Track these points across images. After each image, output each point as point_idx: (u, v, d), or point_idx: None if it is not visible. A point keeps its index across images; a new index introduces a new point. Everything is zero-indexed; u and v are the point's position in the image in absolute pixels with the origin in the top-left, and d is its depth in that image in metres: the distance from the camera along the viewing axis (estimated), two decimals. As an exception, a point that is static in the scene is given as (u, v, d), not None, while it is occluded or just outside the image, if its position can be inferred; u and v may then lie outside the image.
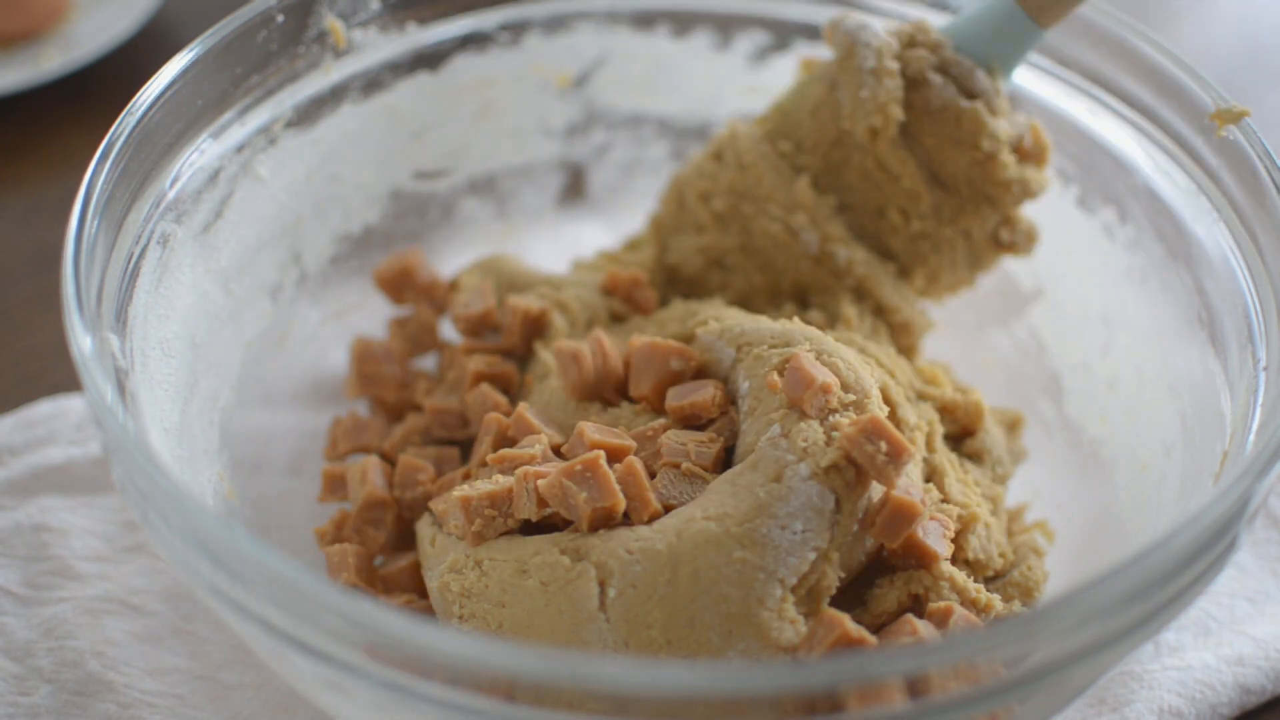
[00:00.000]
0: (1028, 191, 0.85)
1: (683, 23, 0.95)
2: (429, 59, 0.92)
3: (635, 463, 0.75)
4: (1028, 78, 0.89)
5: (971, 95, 0.84)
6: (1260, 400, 0.73)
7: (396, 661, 0.61)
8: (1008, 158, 0.84)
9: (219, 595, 0.66)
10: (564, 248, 0.98)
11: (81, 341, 0.69)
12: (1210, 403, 0.79)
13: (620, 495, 0.74)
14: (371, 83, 0.91)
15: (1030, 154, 0.86)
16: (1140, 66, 0.84)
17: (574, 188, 1.00)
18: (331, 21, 0.88)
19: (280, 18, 0.86)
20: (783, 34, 0.95)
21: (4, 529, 0.85)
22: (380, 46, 0.91)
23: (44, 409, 0.91)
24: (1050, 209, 0.89)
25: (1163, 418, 0.83)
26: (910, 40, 0.84)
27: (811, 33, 0.94)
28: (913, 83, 0.84)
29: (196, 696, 0.79)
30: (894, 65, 0.83)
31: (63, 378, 0.93)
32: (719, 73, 0.97)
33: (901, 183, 0.85)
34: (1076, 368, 0.91)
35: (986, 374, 0.92)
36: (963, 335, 0.89)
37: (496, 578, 0.74)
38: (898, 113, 0.83)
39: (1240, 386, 0.76)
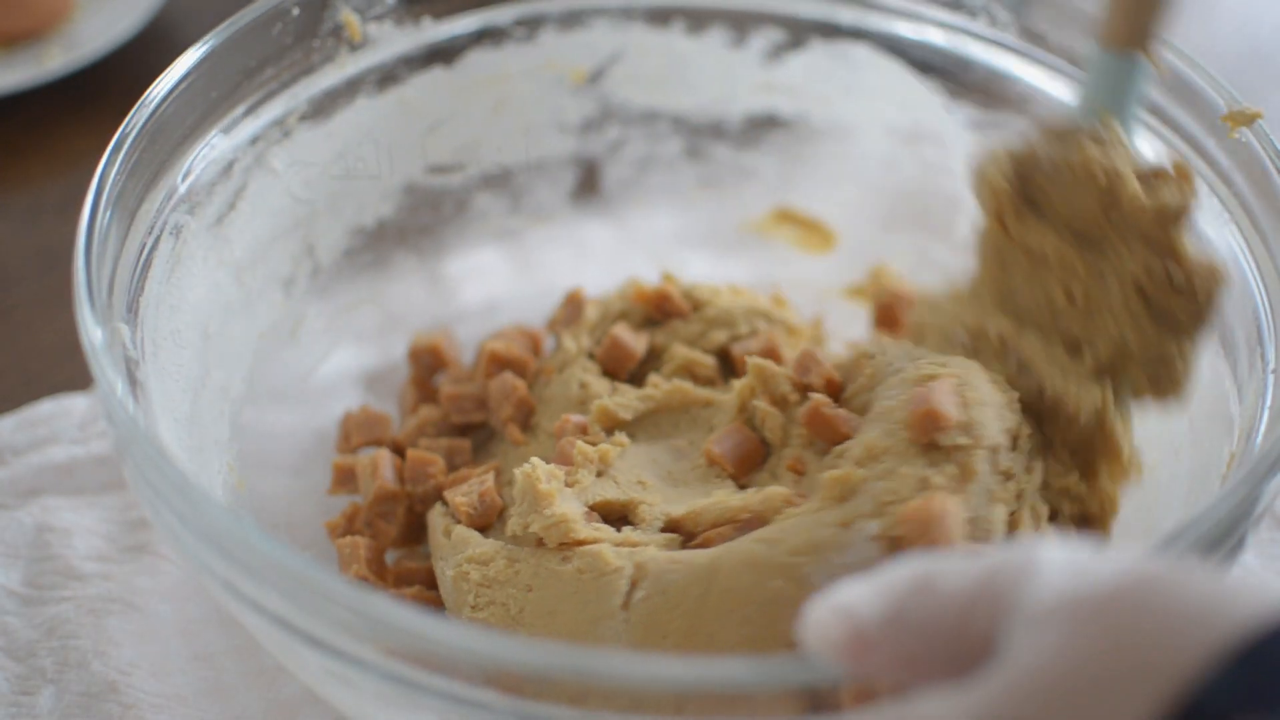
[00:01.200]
0: (1168, 213, 0.75)
1: (698, 19, 0.96)
2: (444, 53, 0.92)
3: None
4: (1040, 79, 0.90)
5: None
6: (1268, 403, 0.72)
7: (404, 655, 0.61)
8: (1134, 184, 0.75)
9: (228, 588, 0.65)
10: (576, 244, 0.98)
11: (92, 332, 0.69)
12: (1218, 404, 0.78)
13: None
14: (386, 76, 0.91)
15: (1163, 177, 0.76)
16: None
17: (588, 184, 1.00)
18: (347, 15, 0.89)
19: (295, 11, 0.86)
20: (798, 31, 0.95)
21: (6, 528, 0.84)
22: (395, 40, 0.91)
23: (46, 408, 0.91)
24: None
25: (1171, 419, 0.83)
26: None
27: (826, 30, 0.94)
28: (1018, 158, 0.77)
29: (200, 698, 0.78)
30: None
31: (65, 377, 0.93)
32: (734, 70, 0.97)
33: (1052, 257, 0.77)
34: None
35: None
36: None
37: (534, 564, 0.73)
38: (1002, 183, 0.76)
39: (1249, 389, 0.76)
